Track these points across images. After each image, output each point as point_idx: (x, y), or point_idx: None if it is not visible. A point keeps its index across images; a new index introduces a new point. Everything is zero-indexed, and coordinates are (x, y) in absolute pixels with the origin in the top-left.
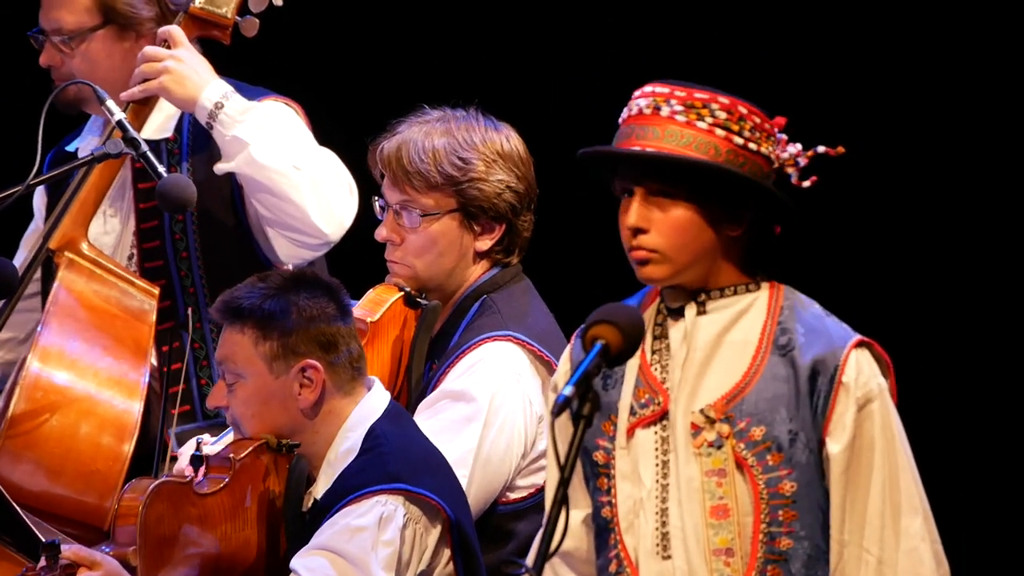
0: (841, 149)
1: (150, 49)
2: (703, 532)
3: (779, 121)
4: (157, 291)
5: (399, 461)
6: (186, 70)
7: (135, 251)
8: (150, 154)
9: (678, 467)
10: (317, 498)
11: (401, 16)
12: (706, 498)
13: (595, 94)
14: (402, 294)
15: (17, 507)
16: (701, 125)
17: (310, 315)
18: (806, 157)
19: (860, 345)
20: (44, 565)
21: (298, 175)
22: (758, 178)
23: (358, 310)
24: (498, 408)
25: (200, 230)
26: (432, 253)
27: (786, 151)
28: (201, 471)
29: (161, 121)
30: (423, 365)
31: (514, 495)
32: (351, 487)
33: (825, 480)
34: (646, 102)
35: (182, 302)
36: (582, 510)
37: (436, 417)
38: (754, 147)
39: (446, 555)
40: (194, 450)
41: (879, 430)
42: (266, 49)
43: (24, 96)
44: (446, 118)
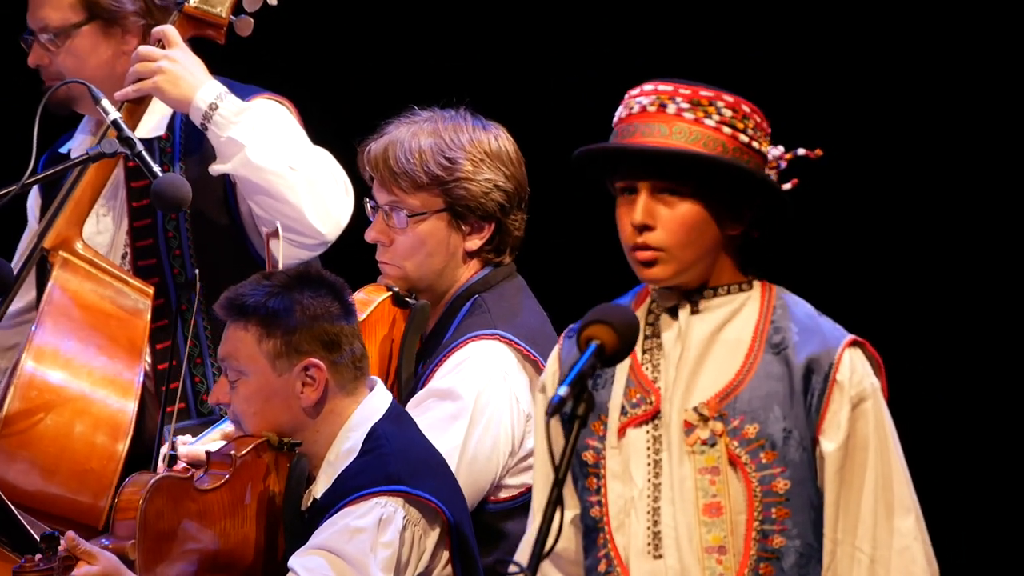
0: (819, 152)
1: (144, 49)
2: (696, 530)
3: None
4: (151, 290)
5: (399, 463)
6: (180, 70)
7: (128, 250)
8: (145, 153)
9: (671, 466)
10: (317, 497)
11: (396, 16)
12: (699, 496)
13: (591, 94)
14: (390, 294)
15: (12, 506)
16: (708, 122)
17: (314, 313)
18: (785, 159)
19: (853, 344)
20: (42, 557)
21: (294, 176)
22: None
23: None
24: (484, 406)
25: (193, 228)
26: (421, 253)
27: (770, 153)
28: (179, 467)
29: (154, 119)
30: (413, 364)
31: (504, 494)
32: (351, 488)
33: (818, 478)
34: (649, 99)
35: (175, 300)
36: (570, 510)
37: (422, 416)
38: (756, 146)
39: (444, 557)
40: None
41: (872, 429)
42: (261, 48)
43: (17, 97)
44: (434, 118)
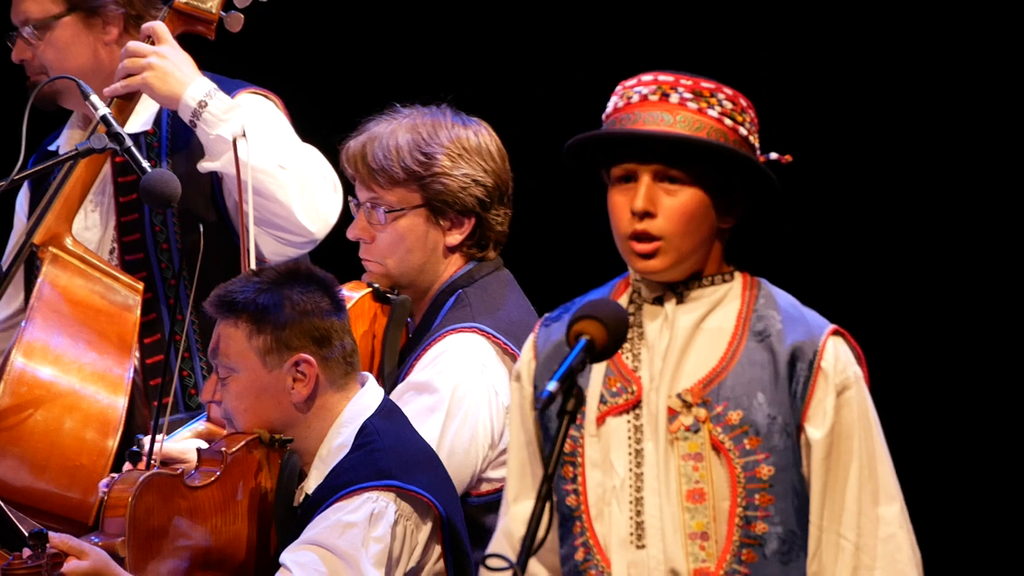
0: (788, 158)
1: (133, 44)
2: (680, 516)
3: None
4: (141, 286)
5: (391, 458)
6: (169, 67)
7: (116, 245)
8: (134, 149)
9: (658, 455)
10: (308, 493)
11: (385, 12)
12: (682, 482)
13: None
14: (369, 290)
15: (1, 502)
16: (711, 113)
17: (304, 309)
18: (760, 160)
19: (835, 334)
20: (31, 554)
21: (284, 174)
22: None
23: None
24: (461, 399)
25: (180, 222)
26: (401, 250)
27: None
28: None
29: (140, 114)
30: (396, 359)
31: (485, 487)
32: (343, 483)
33: (801, 466)
34: (649, 89)
35: (163, 294)
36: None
37: (402, 409)
38: (751, 140)
39: (436, 552)
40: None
41: (856, 417)
42: (250, 44)
43: (2, 94)
44: (413, 115)
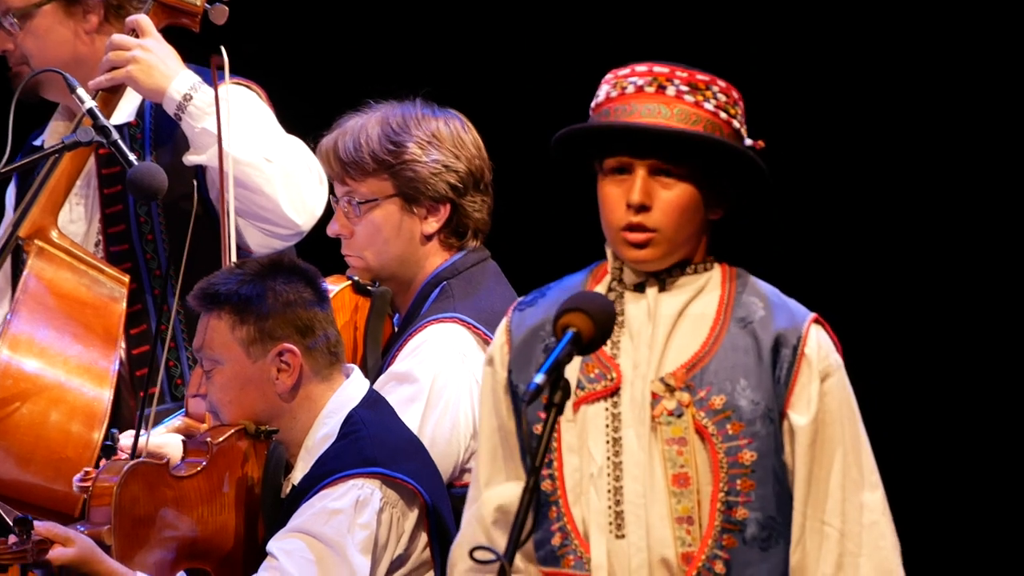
0: (761, 143)
1: (118, 37)
2: (666, 501)
3: None
4: (127, 279)
5: (376, 446)
6: (154, 60)
7: (101, 237)
8: (120, 142)
9: (640, 442)
10: (295, 484)
11: (368, 3)
12: (667, 466)
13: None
14: (349, 283)
15: None
16: (707, 106)
17: (287, 300)
18: None
19: (816, 322)
20: (16, 540)
21: (270, 167)
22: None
23: None
24: (441, 389)
25: (165, 213)
26: (378, 241)
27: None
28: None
29: (123, 106)
30: (378, 351)
31: (468, 478)
32: (328, 471)
33: (783, 452)
34: (645, 80)
35: (148, 285)
36: (520, 482)
37: None
38: (742, 132)
39: (423, 540)
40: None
41: (838, 405)
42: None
43: None
44: (383, 109)
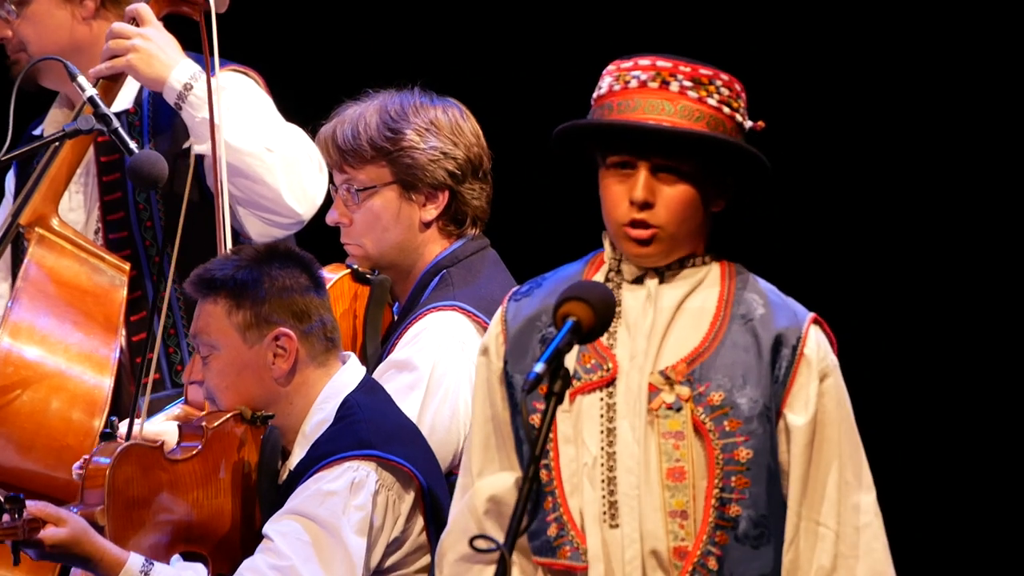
0: (761, 124)
1: (118, 26)
2: (660, 494)
3: None
4: (127, 266)
5: (372, 429)
6: (153, 49)
7: (100, 224)
8: (121, 130)
9: (636, 433)
10: (292, 469)
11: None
12: (663, 460)
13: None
14: (348, 271)
15: None
16: (711, 102)
17: (283, 285)
18: None
19: (815, 322)
20: (7, 519)
21: (271, 157)
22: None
23: None
24: (440, 377)
25: (164, 200)
26: (377, 229)
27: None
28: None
29: (121, 94)
30: (377, 339)
31: None
32: (323, 453)
33: (778, 452)
34: (648, 75)
35: (148, 271)
36: (514, 472)
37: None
38: (745, 125)
39: (420, 523)
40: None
41: (835, 406)
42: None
43: None
44: (382, 97)
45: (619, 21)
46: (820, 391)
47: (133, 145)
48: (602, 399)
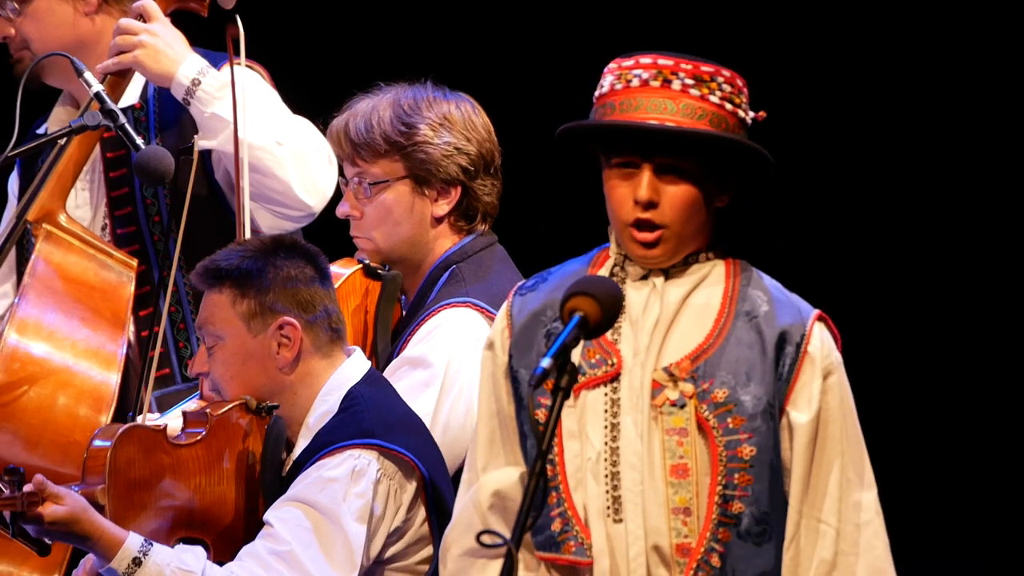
0: (763, 114)
1: (125, 22)
2: (663, 491)
3: None
4: (135, 262)
5: (374, 419)
6: (161, 45)
7: (108, 220)
8: (128, 126)
9: (639, 429)
10: (295, 459)
11: None
12: (666, 457)
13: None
14: (360, 266)
15: None
16: (713, 99)
17: (287, 275)
18: None
19: (819, 319)
20: (7, 491)
21: (281, 150)
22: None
23: None
24: (455, 373)
25: (172, 195)
26: (388, 223)
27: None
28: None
29: (128, 89)
30: (388, 335)
31: None
32: (325, 442)
33: (780, 449)
34: (650, 74)
35: (156, 266)
36: (519, 467)
37: (395, 384)
38: (747, 120)
39: (422, 514)
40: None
41: (838, 403)
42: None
43: None
44: (395, 91)
45: (621, 17)
46: (823, 388)
47: (140, 141)
48: (606, 394)
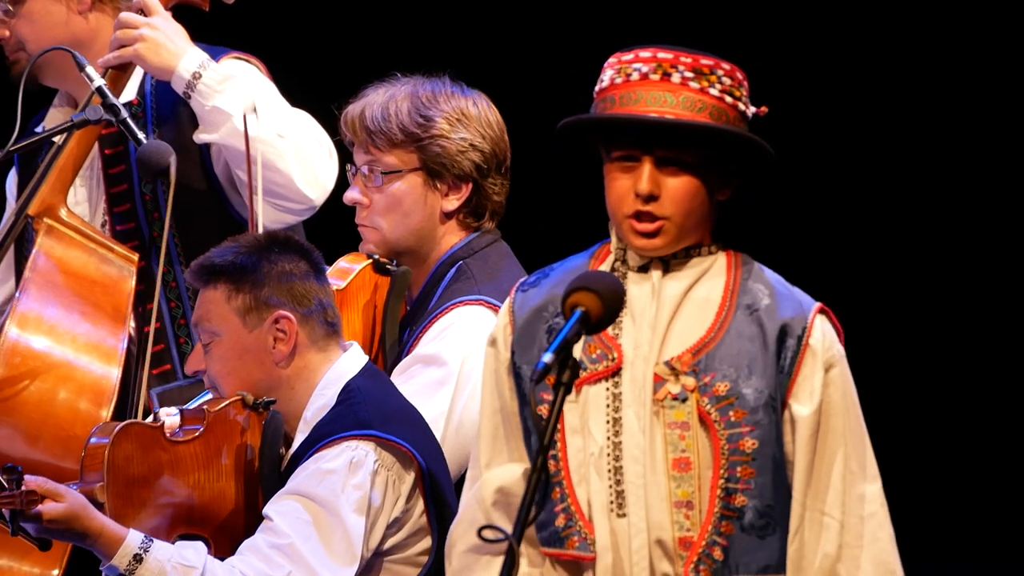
0: (764, 109)
1: (125, 16)
2: (665, 485)
3: None
4: (136, 257)
5: (371, 411)
6: (161, 38)
7: (107, 217)
8: (130, 120)
9: (641, 423)
10: (293, 453)
11: None
12: (668, 450)
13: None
14: (370, 261)
15: None
16: (712, 92)
17: (282, 269)
18: None
19: (821, 311)
20: (6, 488)
21: (282, 143)
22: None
23: None
24: (470, 372)
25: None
26: (398, 212)
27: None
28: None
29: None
30: (396, 331)
31: None
32: (323, 434)
33: (783, 442)
34: (649, 67)
35: (156, 263)
36: (522, 463)
37: (408, 382)
38: (748, 113)
39: (420, 505)
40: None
41: (840, 396)
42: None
43: None
44: (412, 82)
45: (623, 11)
46: (825, 381)
47: (142, 135)
48: (608, 389)
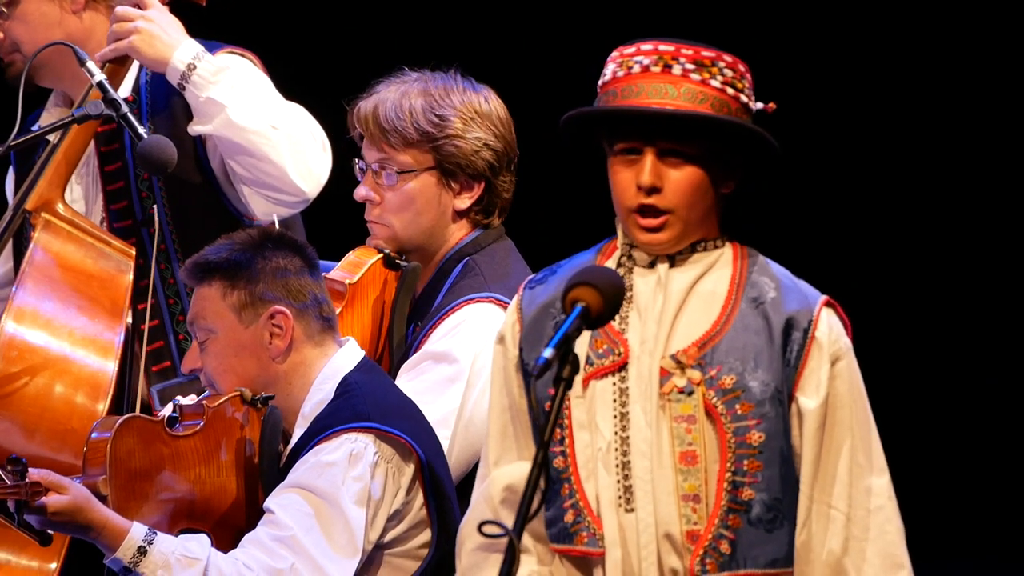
0: (772, 106)
1: (121, 9)
2: (673, 478)
3: None
4: (134, 251)
5: (370, 403)
6: (156, 30)
7: (104, 214)
8: (131, 115)
9: (648, 417)
10: (292, 447)
11: None
12: (675, 444)
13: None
14: (381, 256)
15: None
16: (714, 83)
17: (276, 265)
18: None
19: (827, 304)
20: (10, 479)
21: (276, 135)
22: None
23: (336, 272)
24: (480, 369)
25: (167, 186)
26: (410, 211)
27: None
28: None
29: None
30: (404, 327)
31: None
32: (322, 427)
33: (790, 435)
34: (651, 59)
35: (154, 259)
36: (530, 461)
37: (418, 378)
38: (751, 105)
39: (420, 498)
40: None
41: (847, 389)
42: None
43: None
44: (424, 79)
45: (627, 5)
46: (832, 374)
47: (142, 130)
48: (615, 384)
